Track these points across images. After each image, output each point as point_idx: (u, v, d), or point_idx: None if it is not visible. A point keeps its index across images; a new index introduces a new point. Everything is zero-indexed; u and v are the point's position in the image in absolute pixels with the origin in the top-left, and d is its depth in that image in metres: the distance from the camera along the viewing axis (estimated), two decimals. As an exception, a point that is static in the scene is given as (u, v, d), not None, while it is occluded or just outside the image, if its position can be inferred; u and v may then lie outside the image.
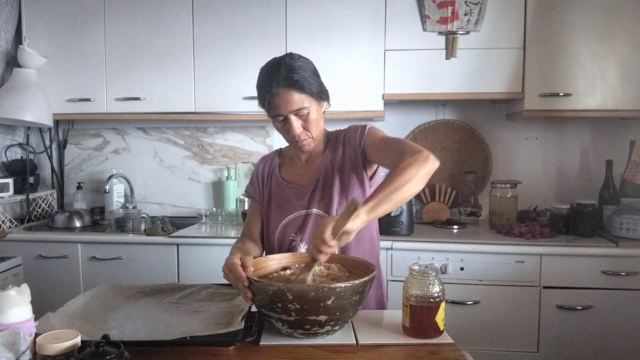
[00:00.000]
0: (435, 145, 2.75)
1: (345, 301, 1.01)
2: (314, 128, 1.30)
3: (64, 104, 2.60)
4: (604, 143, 2.65)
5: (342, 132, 1.40)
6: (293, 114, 1.26)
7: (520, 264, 2.12)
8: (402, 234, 2.28)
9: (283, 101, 1.24)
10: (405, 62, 2.41)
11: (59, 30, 2.59)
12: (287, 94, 1.24)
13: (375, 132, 1.34)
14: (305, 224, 1.34)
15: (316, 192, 1.35)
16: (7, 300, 0.91)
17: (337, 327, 1.08)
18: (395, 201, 1.10)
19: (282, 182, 1.40)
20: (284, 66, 1.24)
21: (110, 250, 2.34)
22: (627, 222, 2.16)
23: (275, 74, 1.24)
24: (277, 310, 1.01)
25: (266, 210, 1.42)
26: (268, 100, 1.25)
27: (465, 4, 2.34)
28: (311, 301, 0.98)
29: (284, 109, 1.25)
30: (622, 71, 2.29)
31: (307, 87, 1.25)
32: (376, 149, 1.30)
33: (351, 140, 1.35)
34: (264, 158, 1.50)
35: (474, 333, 2.15)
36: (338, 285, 0.99)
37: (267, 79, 1.26)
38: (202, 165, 2.91)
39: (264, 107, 1.29)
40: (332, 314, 1.02)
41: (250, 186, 1.47)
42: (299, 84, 1.24)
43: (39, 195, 2.78)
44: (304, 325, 1.03)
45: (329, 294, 0.99)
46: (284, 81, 1.23)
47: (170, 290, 1.38)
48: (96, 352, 0.84)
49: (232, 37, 2.50)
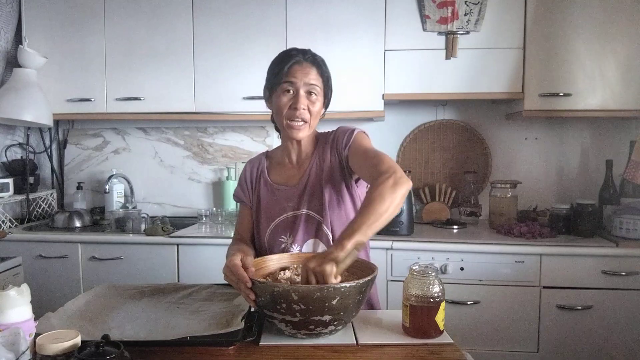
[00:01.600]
0: (435, 145, 2.75)
1: (349, 301, 1.02)
2: (313, 116, 1.31)
3: (64, 104, 2.60)
4: (604, 143, 2.65)
5: (331, 134, 1.39)
6: (305, 90, 1.28)
7: (520, 264, 2.12)
8: (402, 234, 2.28)
9: (303, 71, 1.29)
10: (405, 62, 2.41)
11: (59, 30, 2.59)
12: (309, 67, 1.30)
13: (361, 141, 1.32)
14: (295, 225, 1.33)
15: (306, 193, 1.34)
16: (7, 300, 0.91)
17: (340, 327, 1.08)
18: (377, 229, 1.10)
19: (271, 185, 1.39)
20: (309, 51, 1.34)
21: (110, 250, 2.34)
22: (627, 222, 2.16)
23: (302, 52, 1.32)
24: (281, 311, 1.01)
25: (256, 213, 1.41)
26: (287, 67, 1.28)
27: (465, 4, 2.34)
28: (316, 301, 0.98)
29: (300, 79, 1.28)
30: (622, 71, 2.29)
31: (325, 74, 1.34)
32: (357, 159, 1.29)
33: (338, 143, 1.35)
34: (251, 161, 1.48)
35: (474, 333, 2.15)
36: (343, 285, 0.99)
37: (291, 52, 1.32)
38: (202, 165, 2.91)
39: (276, 77, 1.29)
40: (336, 313, 1.02)
41: (240, 190, 1.45)
42: (321, 67, 1.33)
43: (39, 195, 2.78)
44: (309, 326, 1.03)
45: (334, 294, 0.99)
46: (310, 58, 1.31)
47: (170, 290, 1.38)
48: (96, 352, 0.84)
49: (232, 37, 2.50)
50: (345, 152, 1.32)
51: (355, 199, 1.36)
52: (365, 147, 1.30)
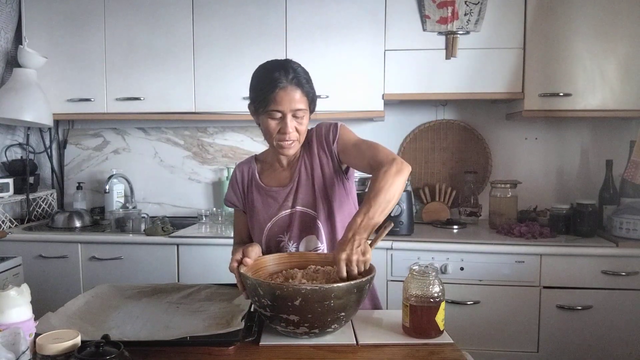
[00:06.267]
0: (435, 145, 2.75)
1: (349, 300, 1.02)
2: (302, 134, 1.32)
3: (64, 104, 2.60)
4: (604, 143, 2.65)
5: (312, 131, 1.40)
6: (292, 114, 1.27)
7: (520, 264, 2.12)
8: (402, 234, 2.28)
9: (288, 98, 1.25)
10: (405, 62, 2.41)
11: (59, 30, 2.59)
12: (293, 91, 1.26)
13: (348, 134, 1.36)
14: (291, 222, 1.35)
15: (299, 191, 1.36)
16: (7, 300, 0.91)
17: (339, 326, 1.09)
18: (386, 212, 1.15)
19: (264, 188, 1.40)
20: (292, 68, 1.28)
21: (110, 250, 2.34)
22: (627, 222, 2.16)
23: (284, 71, 1.26)
24: (283, 311, 1.02)
25: (249, 216, 1.42)
26: (272, 94, 1.25)
27: (465, 4, 2.34)
28: (317, 301, 0.99)
29: (287, 106, 1.25)
30: (622, 71, 2.29)
31: (309, 93, 1.30)
32: (350, 152, 1.32)
33: (325, 139, 1.36)
34: (240, 165, 1.48)
35: (474, 333, 2.15)
36: (344, 285, 1.00)
37: (273, 75, 1.26)
38: (202, 165, 2.91)
39: (262, 102, 1.27)
40: (337, 313, 1.02)
41: (232, 194, 1.46)
42: (304, 87, 1.28)
43: (39, 195, 2.78)
44: (312, 327, 1.03)
45: (335, 293, 0.99)
46: (293, 80, 1.26)
47: (170, 290, 1.38)
48: (96, 352, 0.84)
49: (232, 37, 2.49)
50: (334, 147, 1.35)
51: (348, 190, 1.39)
52: (354, 139, 1.34)
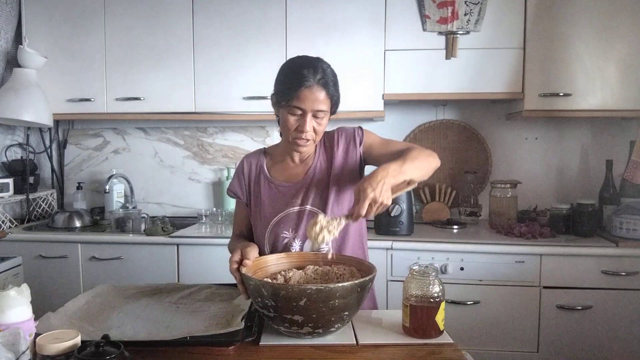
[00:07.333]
0: (435, 145, 2.75)
1: (351, 299, 1.02)
2: (319, 134, 1.31)
3: (64, 104, 2.60)
4: (604, 143, 2.65)
5: (334, 133, 1.40)
6: (312, 113, 1.26)
7: (520, 264, 2.12)
8: (402, 234, 2.28)
9: (312, 97, 1.24)
10: (405, 62, 2.41)
11: (59, 30, 2.59)
12: (319, 91, 1.25)
13: (372, 134, 1.40)
14: (299, 220, 1.34)
15: (310, 190, 1.35)
16: (7, 300, 0.91)
17: (341, 326, 1.09)
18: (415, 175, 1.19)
19: (272, 182, 1.39)
20: (321, 67, 1.27)
21: (110, 250, 2.34)
22: (627, 222, 2.16)
23: (313, 70, 1.25)
24: (287, 311, 1.02)
25: (254, 210, 1.41)
26: (297, 91, 1.23)
27: (465, 4, 2.34)
28: (322, 301, 0.99)
29: (309, 105, 1.24)
30: (622, 71, 2.29)
31: (334, 96, 1.29)
32: (378, 149, 1.35)
33: (349, 142, 1.37)
34: (248, 157, 1.47)
35: (474, 333, 2.15)
36: (348, 284, 1.00)
37: (302, 72, 1.24)
38: (202, 165, 2.91)
39: (285, 96, 1.26)
40: (340, 312, 1.03)
41: (237, 184, 1.44)
42: (330, 89, 1.27)
43: (39, 195, 2.78)
44: (316, 327, 1.03)
45: (337, 293, 0.99)
46: (321, 80, 1.25)
47: (170, 290, 1.38)
48: (96, 352, 0.84)
49: (232, 37, 2.49)
50: (360, 148, 1.37)
51: None
52: (381, 138, 1.39)
